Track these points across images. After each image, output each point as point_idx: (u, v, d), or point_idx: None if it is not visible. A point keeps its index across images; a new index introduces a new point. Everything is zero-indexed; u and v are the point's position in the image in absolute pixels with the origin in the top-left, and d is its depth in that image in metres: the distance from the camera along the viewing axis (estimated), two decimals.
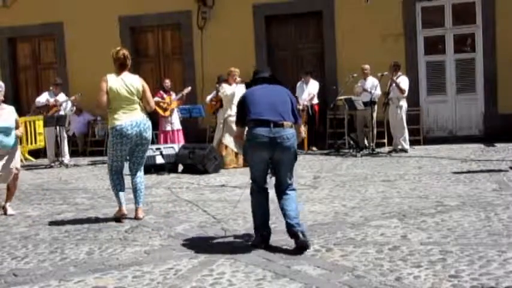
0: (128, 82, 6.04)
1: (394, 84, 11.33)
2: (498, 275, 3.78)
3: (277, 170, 4.78)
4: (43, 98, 11.94)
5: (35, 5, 14.77)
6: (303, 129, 5.23)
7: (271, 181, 4.85)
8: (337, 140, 12.37)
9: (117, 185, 6.16)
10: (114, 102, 5.96)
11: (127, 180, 6.28)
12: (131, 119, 5.96)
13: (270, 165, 4.80)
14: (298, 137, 4.84)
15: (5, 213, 6.75)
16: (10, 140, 6.69)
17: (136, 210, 6.15)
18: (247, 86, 5.24)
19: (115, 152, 6.07)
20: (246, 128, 4.84)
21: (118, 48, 6.19)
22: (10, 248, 5.20)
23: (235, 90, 10.49)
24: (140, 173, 6.23)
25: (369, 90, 11.65)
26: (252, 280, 3.95)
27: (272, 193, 4.87)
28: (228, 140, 10.45)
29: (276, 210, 4.97)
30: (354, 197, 6.85)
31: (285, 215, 4.69)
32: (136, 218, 6.08)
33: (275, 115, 4.69)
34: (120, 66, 6.08)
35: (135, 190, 6.16)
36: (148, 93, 6.20)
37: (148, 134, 6.13)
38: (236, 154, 10.48)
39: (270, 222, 4.88)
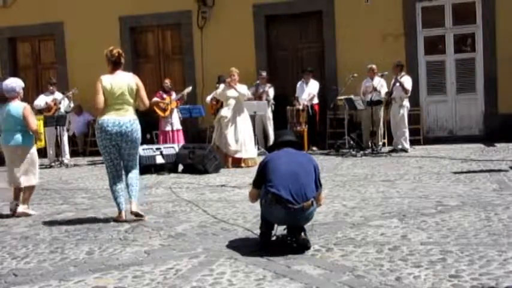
0: (122, 81, 6.02)
1: (397, 84, 11.33)
2: (498, 275, 3.77)
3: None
4: (41, 101, 11.94)
5: (35, 5, 14.78)
6: (323, 197, 5.05)
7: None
8: (337, 140, 12.38)
9: (115, 191, 6.11)
10: (107, 101, 5.95)
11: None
12: (115, 117, 5.95)
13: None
14: (317, 204, 4.74)
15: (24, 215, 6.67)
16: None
17: (130, 203, 6.07)
18: (270, 149, 5.10)
19: (100, 148, 6.11)
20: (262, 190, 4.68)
21: (111, 47, 6.15)
22: (10, 248, 5.19)
23: (227, 91, 10.45)
24: (134, 171, 6.19)
25: (378, 89, 11.68)
26: (252, 280, 3.94)
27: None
28: (219, 141, 10.45)
29: None
30: (354, 197, 6.85)
31: None
32: (131, 212, 6.00)
33: (296, 189, 4.53)
34: (114, 65, 6.05)
35: (128, 185, 6.13)
36: (143, 91, 6.17)
37: (133, 136, 6.03)
38: (234, 156, 10.47)
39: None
